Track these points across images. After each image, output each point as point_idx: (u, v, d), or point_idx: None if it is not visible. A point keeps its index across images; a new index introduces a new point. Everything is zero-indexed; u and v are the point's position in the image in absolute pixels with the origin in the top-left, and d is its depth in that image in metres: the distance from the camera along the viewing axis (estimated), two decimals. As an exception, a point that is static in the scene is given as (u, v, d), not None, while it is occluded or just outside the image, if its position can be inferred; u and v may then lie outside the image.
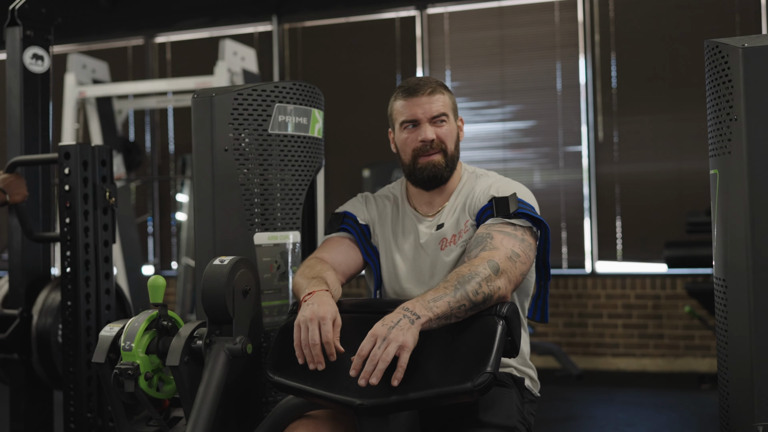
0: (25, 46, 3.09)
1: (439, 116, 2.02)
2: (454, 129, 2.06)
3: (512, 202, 1.92)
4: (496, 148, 6.36)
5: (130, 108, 6.37)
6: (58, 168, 2.74)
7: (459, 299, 1.68)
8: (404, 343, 1.63)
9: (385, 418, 1.69)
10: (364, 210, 2.16)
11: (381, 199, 2.18)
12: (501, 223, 1.90)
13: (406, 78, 6.51)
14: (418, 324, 1.65)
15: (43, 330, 2.94)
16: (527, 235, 1.89)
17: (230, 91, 2.18)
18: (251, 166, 2.18)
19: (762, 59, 1.69)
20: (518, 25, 6.39)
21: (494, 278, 1.74)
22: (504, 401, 1.88)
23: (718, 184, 1.80)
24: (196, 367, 1.81)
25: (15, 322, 2.95)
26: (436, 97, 2.02)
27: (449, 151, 2.03)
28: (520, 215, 1.91)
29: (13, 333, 2.93)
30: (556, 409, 4.82)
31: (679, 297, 5.84)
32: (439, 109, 2.02)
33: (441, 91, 2.04)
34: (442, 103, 2.03)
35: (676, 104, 5.97)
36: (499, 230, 1.88)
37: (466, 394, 1.64)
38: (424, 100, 2.01)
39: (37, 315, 2.96)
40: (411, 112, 2.02)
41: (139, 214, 7.08)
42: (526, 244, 1.87)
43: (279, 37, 6.92)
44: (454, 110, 2.07)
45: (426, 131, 2.01)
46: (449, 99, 2.06)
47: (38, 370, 2.96)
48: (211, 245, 2.17)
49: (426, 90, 2.02)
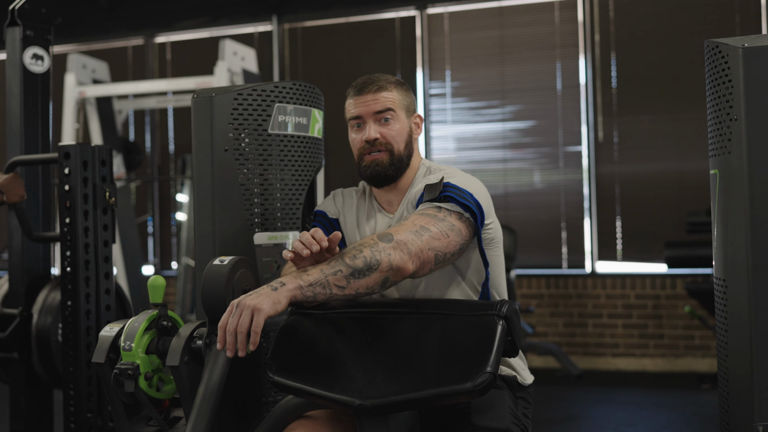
0: (25, 46, 3.09)
1: (383, 112, 1.99)
2: (404, 127, 2.02)
3: (439, 186, 1.88)
4: (496, 148, 6.36)
5: (130, 108, 6.37)
6: (58, 168, 2.74)
7: (333, 266, 1.69)
8: (257, 306, 1.63)
9: (385, 418, 1.69)
10: (332, 205, 2.17)
11: (349, 192, 2.19)
12: (426, 208, 1.86)
13: (406, 79, 6.55)
14: (283, 291, 1.66)
15: (43, 329, 2.94)
16: (452, 217, 1.85)
17: (230, 91, 2.18)
18: (251, 166, 2.18)
19: (762, 59, 1.69)
20: (518, 25, 6.39)
21: (383, 246, 1.72)
22: (496, 403, 1.87)
23: (718, 184, 1.80)
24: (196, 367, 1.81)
25: (15, 321, 2.95)
26: (382, 94, 2.00)
27: (396, 150, 2.00)
28: (447, 199, 1.86)
29: (13, 332, 2.93)
30: (556, 409, 4.82)
31: (679, 297, 5.84)
32: (384, 106, 1.99)
33: (389, 88, 2.01)
34: (388, 100, 2.00)
35: (676, 104, 5.97)
36: (419, 213, 1.86)
37: (466, 394, 1.64)
38: (369, 98, 2.00)
39: (37, 314, 2.96)
40: (357, 110, 2.02)
41: (139, 214, 7.08)
42: (445, 224, 1.83)
43: (279, 37, 6.92)
44: (406, 107, 2.04)
45: (369, 130, 2.00)
46: (399, 95, 2.02)
47: (38, 370, 2.97)
48: (211, 245, 2.17)
49: (372, 88, 2.00)
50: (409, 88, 2.11)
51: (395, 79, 2.06)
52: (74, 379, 2.70)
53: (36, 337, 2.95)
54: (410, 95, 2.07)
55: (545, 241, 6.13)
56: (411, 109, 2.06)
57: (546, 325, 6.15)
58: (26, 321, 2.96)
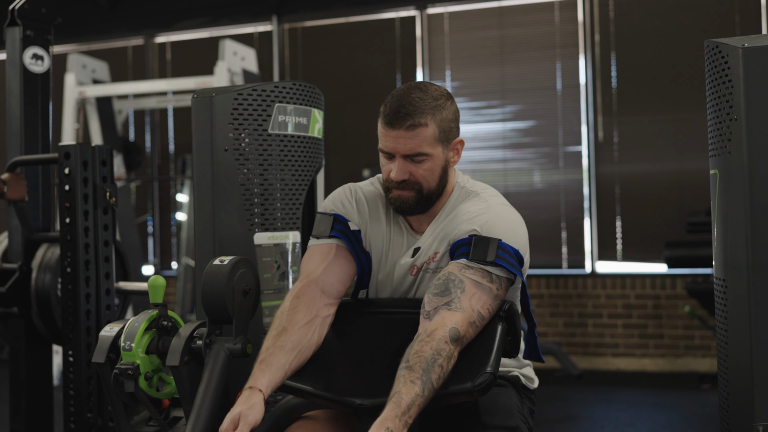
0: (25, 46, 3.09)
1: (415, 156, 1.79)
2: (438, 163, 1.81)
3: (492, 248, 1.73)
4: (496, 148, 6.36)
5: (130, 108, 6.37)
6: (58, 168, 2.74)
7: (427, 395, 1.60)
8: None
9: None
10: (353, 210, 1.92)
11: (371, 195, 1.95)
12: (477, 269, 1.72)
13: (406, 79, 6.55)
14: None
15: (42, 284, 2.95)
16: (501, 288, 1.74)
17: (230, 91, 2.18)
18: (251, 166, 2.18)
19: (762, 59, 1.69)
20: (518, 25, 6.39)
21: (453, 351, 1.64)
22: (504, 401, 1.86)
23: (718, 184, 1.80)
24: (196, 367, 1.81)
25: (14, 275, 2.95)
26: (415, 132, 1.76)
27: (426, 189, 1.81)
28: (498, 265, 1.73)
29: (13, 287, 2.94)
30: (556, 409, 4.82)
31: (679, 297, 5.84)
32: (416, 149, 1.77)
33: (426, 120, 1.77)
34: (423, 141, 1.77)
35: (676, 104, 5.97)
36: (472, 279, 1.71)
37: (466, 394, 1.64)
38: (401, 134, 1.77)
39: (36, 269, 2.97)
40: (386, 144, 1.80)
41: (139, 214, 7.08)
42: (496, 302, 1.73)
43: (279, 37, 6.92)
44: (442, 139, 1.81)
45: (397, 170, 1.79)
46: (435, 128, 1.78)
47: (37, 324, 2.98)
48: (211, 245, 2.17)
49: (405, 123, 1.76)
50: (453, 101, 1.85)
51: (434, 103, 1.79)
52: (74, 379, 2.71)
53: (35, 292, 2.95)
54: (450, 118, 1.82)
55: (545, 241, 6.13)
56: (451, 136, 1.83)
57: (546, 325, 6.15)
58: (26, 276, 2.96)
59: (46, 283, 2.94)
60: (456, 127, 1.85)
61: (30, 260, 2.99)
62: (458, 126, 1.87)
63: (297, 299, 1.82)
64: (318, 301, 1.83)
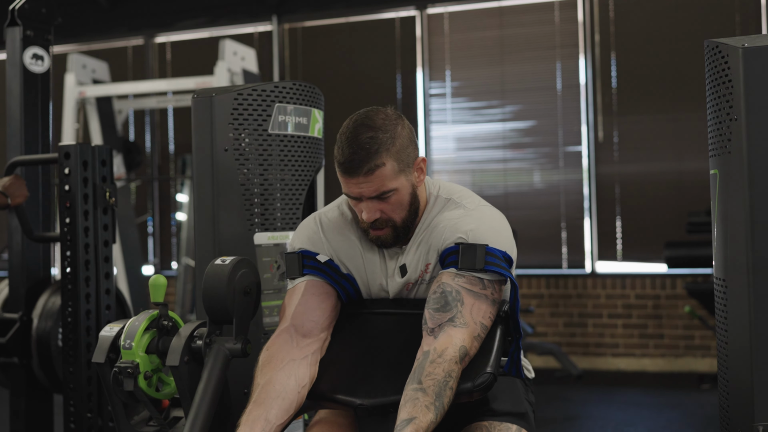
0: (25, 46, 3.09)
1: (381, 195, 1.75)
2: (405, 192, 1.78)
3: (480, 255, 1.71)
4: (496, 148, 6.36)
5: (130, 108, 6.37)
6: (58, 168, 2.75)
7: (438, 418, 1.61)
8: None
9: (385, 418, 1.69)
10: (323, 243, 1.88)
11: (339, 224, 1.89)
12: (469, 277, 1.71)
13: (406, 79, 6.55)
14: None
15: (43, 334, 2.93)
16: (496, 292, 1.74)
17: (230, 91, 2.18)
18: (251, 166, 2.18)
19: (762, 59, 1.69)
20: (518, 25, 6.39)
21: (460, 370, 1.66)
22: (513, 389, 1.90)
23: (718, 184, 1.80)
24: (196, 367, 1.81)
25: (15, 325, 2.94)
26: (375, 174, 1.72)
27: (400, 221, 1.79)
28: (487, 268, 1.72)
29: (14, 337, 2.93)
30: (556, 409, 4.82)
31: (679, 297, 5.84)
32: (380, 189, 1.74)
33: (382, 159, 1.72)
34: (382, 178, 1.73)
35: (676, 104, 5.97)
36: (468, 290, 1.71)
37: (466, 394, 1.64)
38: (361, 180, 1.73)
39: (37, 319, 2.96)
40: (350, 190, 1.77)
41: (139, 214, 7.08)
42: (495, 307, 1.74)
43: (279, 37, 6.92)
44: (402, 168, 1.76)
45: (367, 212, 1.77)
46: (393, 162, 1.74)
47: (38, 374, 2.96)
48: (211, 245, 2.17)
49: (362, 170, 1.72)
50: (403, 123, 1.80)
51: (385, 136, 1.74)
52: (74, 379, 2.70)
53: (36, 342, 2.94)
54: (405, 144, 1.77)
55: (545, 241, 6.13)
56: (410, 161, 1.79)
57: (546, 325, 6.15)
58: (26, 326, 2.96)
59: (46, 332, 2.93)
60: (413, 149, 1.80)
61: (31, 310, 2.99)
62: (416, 145, 1.82)
63: (266, 351, 1.80)
64: (291, 347, 1.79)
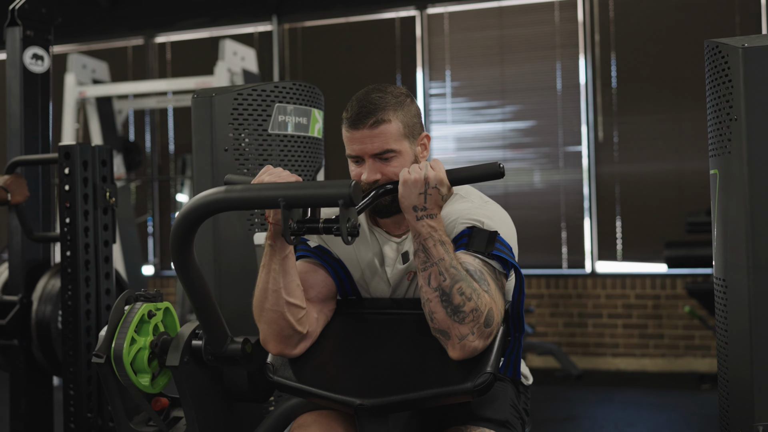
0: (25, 46, 3.09)
1: (383, 154, 1.77)
2: (407, 158, 1.79)
3: (491, 240, 1.71)
4: (496, 148, 6.36)
5: (130, 108, 6.37)
6: (58, 168, 2.75)
7: (449, 269, 1.60)
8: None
9: (385, 418, 1.69)
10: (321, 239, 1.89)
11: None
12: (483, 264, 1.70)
13: (406, 79, 6.55)
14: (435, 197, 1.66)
15: (42, 316, 2.95)
16: (502, 283, 1.74)
17: (230, 91, 2.18)
18: (251, 166, 2.18)
19: (762, 59, 1.69)
20: (518, 25, 6.39)
21: (482, 327, 1.62)
22: (499, 396, 1.87)
23: (718, 184, 1.80)
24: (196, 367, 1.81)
25: (15, 308, 2.96)
26: (380, 129, 1.75)
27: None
28: (494, 257, 1.71)
29: (13, 319, 2.94)
30: (556, 409, 4.82)
31: (679, 297, 5.84)
32: (383, 146, 1.76)
33: (388, 117, 1.76)
34: (388, 137, 1.76)
35: (676, 104, 5.97)
36: (488, 272, 1.69)
37: (466, 394, 1.64)
38: (365, 134, 1.76)
39: (36, 301, 2.97)
40: (353, 147, 1.79)
41: (139, 214, 7.08)
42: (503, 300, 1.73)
43: (279, 37, 6.92)
44: (407, 134, 1.79)
45: (368, 172, 1.78)
46: (399, 124, 1.77)
47: (38, 356, 2.98)
48: (211, 245, 2.17)
49: (369, 121, 1.75)
50: (413, 99, 1.85)
51: (395, 100, 1.79)
52: (74, 379, 2.71)
53: (36, 324, 2.95)
54: (413, 114, 1.82)
55: (545, 241, 6.13)
56: (416, 131, 1.82)
57: (546, 325, 6.15)
58: (26, 308, 2.97)
59: (46, 315, 2.95)
60: (420, 123, 1.85)
61: (30, 292, 3.00)
62: (422, 123, 1.87)
63: None
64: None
